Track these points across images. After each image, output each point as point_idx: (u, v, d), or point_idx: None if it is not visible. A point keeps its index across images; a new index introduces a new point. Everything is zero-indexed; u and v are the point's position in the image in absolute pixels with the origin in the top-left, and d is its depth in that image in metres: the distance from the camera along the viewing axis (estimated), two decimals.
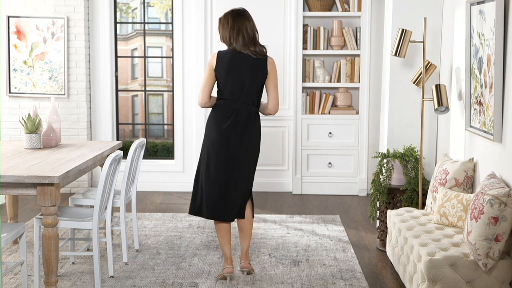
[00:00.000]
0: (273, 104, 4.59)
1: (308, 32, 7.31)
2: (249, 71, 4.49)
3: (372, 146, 7.37)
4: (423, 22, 5.24)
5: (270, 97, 4.58)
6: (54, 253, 4.06)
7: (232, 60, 4.49)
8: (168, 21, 8.11)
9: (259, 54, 4.51)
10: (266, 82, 4.56)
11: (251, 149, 4.58)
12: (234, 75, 4.49)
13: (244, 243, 4.70)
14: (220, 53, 4.53)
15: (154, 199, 7.19)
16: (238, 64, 4.49)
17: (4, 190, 4.03)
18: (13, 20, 7.28)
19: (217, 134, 4.51)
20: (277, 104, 4.59)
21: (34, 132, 4.95)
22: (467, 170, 4.47)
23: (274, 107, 4.59)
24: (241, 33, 4.49)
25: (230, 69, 4.48)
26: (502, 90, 3.92)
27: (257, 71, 4.51)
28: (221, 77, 4.51)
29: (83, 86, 7.37)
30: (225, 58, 4.50)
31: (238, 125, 4.51)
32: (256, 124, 4.59)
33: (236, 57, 4.50)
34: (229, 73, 4.48)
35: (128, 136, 8.67)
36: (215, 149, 4.52)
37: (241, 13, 4.55)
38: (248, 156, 4.57)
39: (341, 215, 6.52)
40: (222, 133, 4.50)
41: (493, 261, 3.58)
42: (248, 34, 4.49)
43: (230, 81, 4.50)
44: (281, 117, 7.45)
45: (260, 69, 4.51)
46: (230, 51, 4.52)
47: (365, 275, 4.76)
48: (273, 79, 4.56)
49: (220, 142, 4.50)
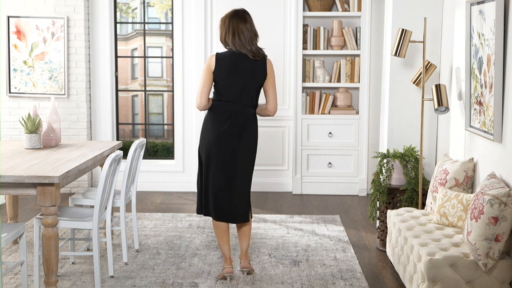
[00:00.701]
0: (272, 105, 4.59)
1: (308, 32, 7.30)
2: (249, 73, 4.49)
3: (372, 146, 7.37)
4: (423, 22, 5.24)
5: (269, 98, 4.58)
6: (54, 253, 4.06)
7: (233, 62, 4.49)
8: (168, 21, 8.11)
9: (257, 55, 4.50)
10: (265, 83, 4.56)
11: (250, 150, 4.59)
12: (235, 77, 4.48)
13: (244, 243, 4.70)
14: (219, 55, 4.52)
15: (154, 199, 7.19)
16: (238, 66, 4.48)
17: (4, 190, 4.03)
18: (13, 20, 7.28)
19: (217, 135, 4.51)
20: (276, 105, 4.60)
21: (34, 132, 4.95)
22: (467, 170, 4.47)
23: (274, 108, 4.60)
24: (236, 34, 4.48)
25: (231, 71, 4.48)
26: (502, 90, 3.92)
27: (256, 73, 4.50)
28: (221, 79, 4.50)
29: (83, 86, 7.37)
30: (225, 61, 4.48)
31: (237, 127, 4.51)
32: (254, 125, 4.59)
33: (236, 59, 4.49)
34: (230, 75, 4.48)
35: (128, 136, 8.67)
36: (216, 151, 4.51)
37: (239, 14, 4.53)
38: (247, 157, 4.58)
39: (341, 215, 6.52)
40: (221, 135, 4.50)
41: (493, 261, 3.58)
42: (245, 36, 4.48)
43: (230, 83, 4.49)
44: (281, 117, 7.45)
45: (259, 70, 4.51)
46: (229, 53, 4.52)
47: (365, 275, 4.76)
48: (272, 80, 4.56)
49: (221, 143, 4.50)
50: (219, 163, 4.51)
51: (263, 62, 4.52)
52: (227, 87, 4.50)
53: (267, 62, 4.54)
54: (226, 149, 4.50)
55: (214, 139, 4.51)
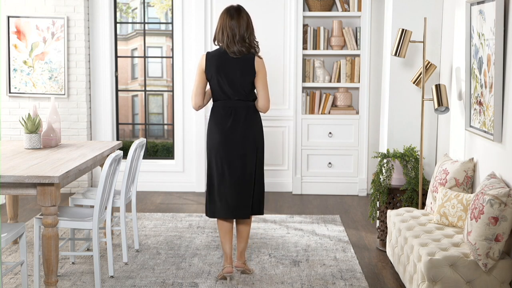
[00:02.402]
0: (262, 103, 4.57)
1: (308, 32, 7.30)
2: (237, 70, 4.48)
3: (372, 146, 7.37)
4: (423, 22, 5.23)
5: (259, 96, 4.57)
6: (54, 253, 4.05)
7: (220, 60, 4.49)
8: (168, 21, 8.11)
9: (240, 53, 4.45)
10: (255, 81, 4.54)
11: (257, 143, 4.59)
12: (223, 75, 4.49)
13: (241, 244, 4.70)
14: (209, 54, 4.55)
15: (154, 199, 7.19)
16: (225, 63, 4.48)
17: (4, 190, 4.03)
18: (13, 20, 7.28)
19: (221, 134, 4.52)
20: (267, 103, 4.56)
21: (34, 132, 4.95)
22: (467, 170, 4.47)
23: (264, 106, 4.58)
24: (226, 32, 4.47)
25: (219, 69, 4.48)
26: (502, 90, 3.92)
27: (244, 70, 4.48)
28: (212, 77, 4.51)
29: (83, 86, 7.37)
30: (214, 59, 4.50)
31: (240, 122, 4.52)
32: (256, 117, 4.59)
33: (223, 56, 4.50)
34: (219, 73, 4.49)
35: (128, 136, 8.67)
36: (222, 149, 4.53)
37: (230, 11, 4.52)
38: (255, 151, 4.58)
39: (341, 215, 6.52)
40: (225, 132, 4.51)
41: (493, 261, 3.58)
42: (233, 33, 4.46)
43: (221, 81, 4.50)
44: (281, 117, 7.45)
45: (247, 68, 4.49)
46: (217, 51, 4.54)
47: (365, 275, 4.76)
48: (262, 78, 4.53)
49: (226, 141, 4.52)
50: (228, 160, 4.52)
51: (250, 59, 4.49)
52: (219, 85, 4.51)
53: (255, 59, 4.51)
54: (233, 145, 4.52)
55: (220, 137, 4.53)
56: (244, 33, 4.47)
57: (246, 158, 4.54)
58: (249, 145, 4.54)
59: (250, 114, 4.56)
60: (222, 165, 4.54)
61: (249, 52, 4.49)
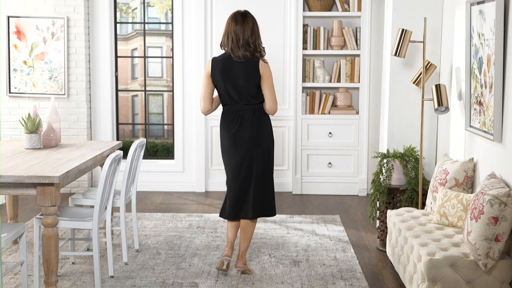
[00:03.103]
0: (270, 105, 4.61)
1: (308, 32, 7.30)
2: (242, 75, 4.53)
3: (372, 146, 7.37)
4: (423, 22, 5.23)
5: (267, 99, 4.61)
6: (54, 253, 4.05)
7: (225, 64, 4.56)
8: (168, 21, 8.11)
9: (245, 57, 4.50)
10: (261, 85, 4.58)
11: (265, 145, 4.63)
12: (228, 79, 4.55)
13: (243, 244, 4.72)
14: (215, 59, 4.62)
15: (154, 199, 7.19)
16: (230, 67, 4.55)
17: (4, 190, 4.03)
18: (13, 20, 7.28)
19: (229, 138, 4.62)
20: (275, 105, 4.60)
21: (34, 132, 4.95)
22: (467, 170, 4.47)
23: (272, 108, 4.61)
24: (230, 36, 4.53)
25: (224, 74, 4.55)
26: (502, 90, 3.92)
27: (249, 74, 4.53)
28: (218, 82, 4.58)
29: (83, 86, 7.37)
30: (219, 64, 4.57)
31: (246, 125, 4.58)
32: (263, 119, 4.63)
33: (227, 61, 4.56)
34: (224, 77, 4.56)
35: (128, 136, 8.67)
36: (231, 153, 4.63)
37: (236, 16, 4.57)
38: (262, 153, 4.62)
39: (341, 215, 6.52)
40: (233, 136, 4.59)
41: (493, 261, 3.58)
42: (238, 37, 4.50)
43: (226, 86, 4.56)
44: (281, 117, 7.45)
45: (251, 72, 4.53)
46: (222, 56, 4.60)
47: (365, 275, 4.76)
48: (267, 82, 4.57)
49: (234, 145, 4.61)
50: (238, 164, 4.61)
51: (255, 64, 4.53)
52: (225, 89, 4.58)
53: (260, 63, 4.54)
54: (241, 149, 4.59)
55: (229, 142, 4.63)
56: (248, 38, 4.51)
57: (253, 160, 4.60)
58: (256, 147, 4.60)
59: (257, 117, 4.60)
60: (232, 167, 4.64)
61: (254, 56, 4.53)
